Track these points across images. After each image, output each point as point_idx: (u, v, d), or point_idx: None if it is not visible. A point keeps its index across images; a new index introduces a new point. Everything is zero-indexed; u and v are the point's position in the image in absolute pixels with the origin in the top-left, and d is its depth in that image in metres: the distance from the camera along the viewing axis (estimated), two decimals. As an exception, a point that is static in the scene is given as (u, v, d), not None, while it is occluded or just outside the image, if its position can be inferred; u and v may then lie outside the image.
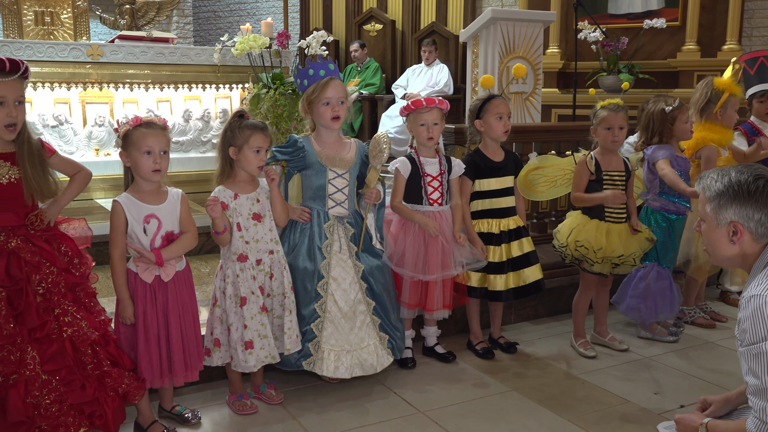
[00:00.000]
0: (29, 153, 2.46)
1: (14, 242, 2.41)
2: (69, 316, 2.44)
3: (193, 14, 11.47)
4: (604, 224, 3.51)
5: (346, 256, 3.13)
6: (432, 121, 3.32)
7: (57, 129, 5.69)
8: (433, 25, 8.81)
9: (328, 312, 3.05)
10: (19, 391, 2.29)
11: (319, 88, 3.10)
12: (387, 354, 3.13)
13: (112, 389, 2.50)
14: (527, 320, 4.14)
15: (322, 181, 3.12)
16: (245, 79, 6.16)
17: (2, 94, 2.35)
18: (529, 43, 5.65)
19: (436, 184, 3.35)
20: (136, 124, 2.60)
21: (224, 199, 2.86)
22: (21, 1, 7.19)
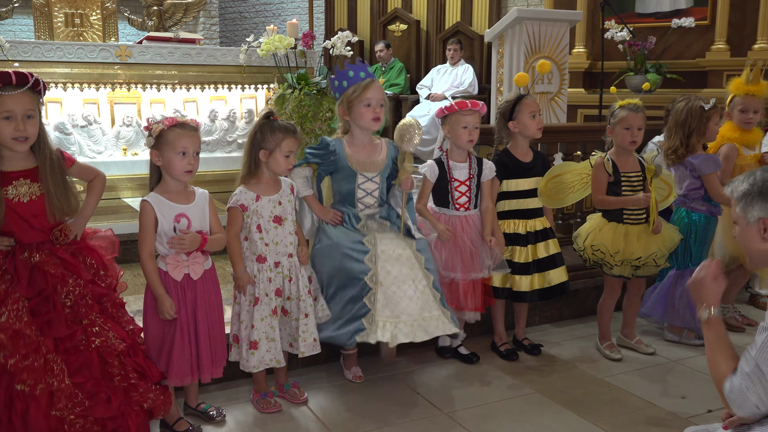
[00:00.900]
0: (51, 170, 2.44)
1: (37, 257, 2.40)
2: (97, 327, 2.44)
3: (219, 15, 11.57)
4: (622, 226, 3.47)
5: (393, 235, 3.11)
6: (473, 124, 3.31)
7: (86, 129, 5.78)
8: (457, 25, 8.78)
9: (380, 283, 2.98)
10: (41, 404, 2.26)
11: (361, 89, 3.10)
12: (452, 324, 3.04)
13: (137, 404, 2.47)
14: (552, 322, 4.11)
15: (351, 186, 3.14)
16: (270, 79, 6.20)
17: (9, 108, 2.31)
18: (555, 43, 5.61)
19: (463, 189, 3.34)
20: (171, 124, 2.62)
21: (244, 200, 2.88)
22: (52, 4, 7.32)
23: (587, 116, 7.13)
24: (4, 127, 2.32)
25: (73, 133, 5.71)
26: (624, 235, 3.45)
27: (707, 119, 3.64)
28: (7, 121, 2.32)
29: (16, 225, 2.39)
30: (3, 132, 2.32)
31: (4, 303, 2.30)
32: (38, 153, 2.43)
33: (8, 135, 2.33)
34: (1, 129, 2.32)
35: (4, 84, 2.31)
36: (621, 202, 3.46)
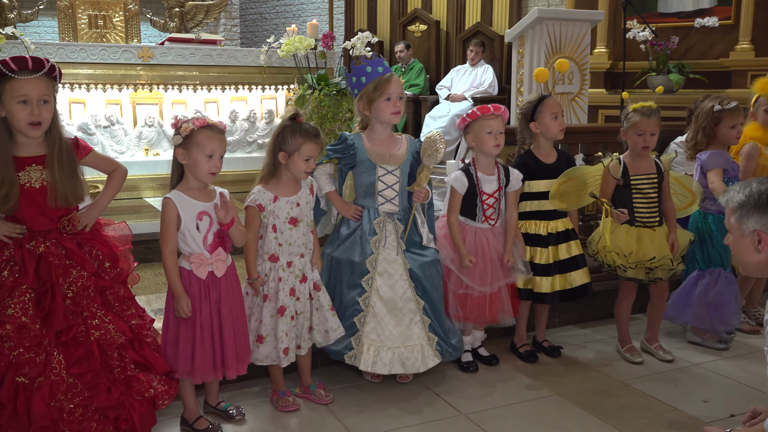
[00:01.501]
0: (59, 155, 2.45)
1: (43, 247, 2.42)
2: (97, 320, 2.45)
3: (240, 16, 11.64)
4: (634, 229, 3.44)
5: (395, 252, 3.12)
6: (498, 129, 3.25)
7: (108, 129, 5.85)
8: (477, 26, 8.75)
9: (371, 306, 3.06)
10: (44, 394, 2.29)
11: (382, 84, 3.11)
12: (434, 355, 3.11)
13: (139, 393, 2.49)
14: (572, 323, 4.08)
15: (372, 179, 3.13)
16: (290, 80, 6.23)
17: (25, 92, 2.35)
18: (576, 43, 5.57)
19: (491, 202, 3.31)
20: (201, 125, 2.63)
21: (262, 200, 2.89)
22: (76, 6, 7.40)
23: (608, 117, 7.08)
24: (19, 111, 2.35)
25: (96, 134, 5.78)
26: (636, 237, 3.42)
27: (716, 121, 3.60)
28: (23, 105, 2.35)
29: (26, 211, 2.42)
30: (18, 116, 2.36)
31: (12, 295, 2.34)
32: (48, 138, 2.46)
33: (23, 119, 2.36)
34: (17, 113, 2.36)
35: (20, 68, 2.35)
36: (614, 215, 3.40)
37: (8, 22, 7.61)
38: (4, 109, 2.37)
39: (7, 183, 2.36)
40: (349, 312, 3.06)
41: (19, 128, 2.39)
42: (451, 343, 3.20)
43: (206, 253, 2.68)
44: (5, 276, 2.37)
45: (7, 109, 2.37)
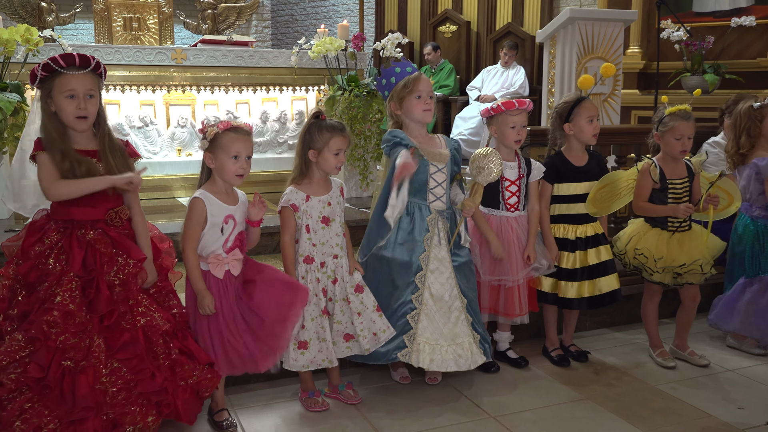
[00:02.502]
0: (110, 145, 2.57)
1: (91, 234, 2.50)
2: (143, 307, 2.52)
3: (271, 18, 11.73)
4: (666, 233, 3.39)
5: (445, 250, 3.11)
6: (521, 124, 3.27)
7: (142, 130, 5.94)
8: (508, 26, 8.70)
9: (424, 304, 3.03)
10: (88, 378, 2.37)
11: (411, 82, 3.11)
12: (479, 352, 3.09)
13: (183, 379, 2.55)
14: (603, 327, 4.04)
15: (424, 176, 3.11)
16: (321, 81, 6.26)
17: (72, 87, 2.46)
18: (609, 43, 5.52)
19: (514, 189, 3.31)
20: (226, 128, 2.67)
21: (295, 200, 2.91)
22: (111, 8, 7.54)
23: (641, 118, 6.99)
24: (67, 105, 2.47)
25: (131, 134, 5.87)
26: (667, 242, 3.37)
27: (761, 117, 3.52)
28: (70, 100, 2.47)
29: (74, 201, 2.49)
30: (66, 110, 2.47)
31: (60, 283, 2.41)
32: (98, 132, 2.57)
33: (71, 113, 2.47)
34: (65, 107, 2.47)
35: (68, 65, 2.46)
36: (661, 211, 3.37)
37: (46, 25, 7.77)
38: (53, 104, 2.48)
39: (81, 163, 2.47)
40: (402, 310, 3.03)
41: (67, 121, 2.49)
42: (488, 341, 3.19)
43: (224, 254, 2.71)
44: (51, 264, 2.44)
45: (56, 103, 2.48)
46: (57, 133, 2.49)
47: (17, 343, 2.38)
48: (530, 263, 3.31)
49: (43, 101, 2.51)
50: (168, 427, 2.72)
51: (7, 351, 2.36)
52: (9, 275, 2.51)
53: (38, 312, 2.39)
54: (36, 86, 2.52)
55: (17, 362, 2.36)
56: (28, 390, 2.36)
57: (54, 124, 2.50)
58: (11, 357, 2.35)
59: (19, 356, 2.37)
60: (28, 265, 2.45)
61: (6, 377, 2.34)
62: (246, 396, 3.00)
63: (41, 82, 2.49)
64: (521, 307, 3.34)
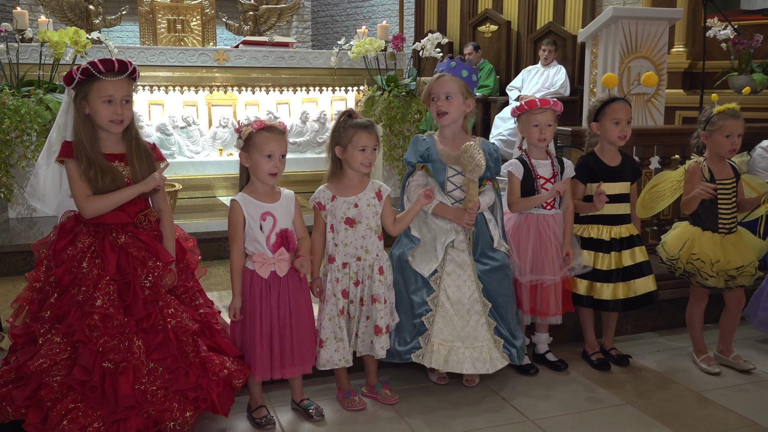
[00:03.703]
0: (137, 149, 2.61)
1: (123, 238, 2.55)
2: (172, 308, 2.57)
3: (311, 19, 11.82)
4: (717, 235, 3.32)
5: (465, 253, 3.10)
6: (545, 123, 3.25)
7: (185, 130, 6.05)
8: (549, 25, 8.61)
9: (440, 306, 3.05)
10: (128, 378, 2.42)
11: (427, 86, 3.15)
12: (501, 357, 3.08)
13: (214, 374, 2.59)
14: (645, 331, 3.96)
15: (441, 179, 3.12)
16: (360, 81, 6.29)
17: (110, 93, 2.50)
18: (653, 42, 5.41)
19: (549, 187, 3.28)
20: (259, 127, 2.70)
21: (321, 199, 2.93)
22: (156, 11, 7.68)
23: (686, 118, 6.84)
24: (104, 109, 2.51)
25: (174, 134, 5.99)
26: (721, 245, 3.30)
27: None
28: (108, 105, 2.51)
29: None
30: (102, 114, 2.51)
31: (98, 287, 2.46)
32: (126, 136, 2.61)
33: (106, 117, 2.52)
34: (101, 111, 2.51)
35: (107, 70, 2.50)
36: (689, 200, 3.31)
37: (93, 28, 7.96)
38: (89, 107, 2.52)
39: (107, 171, 2.52)
40: (417, 311, 3.06)
41: (102, 125, 2.54)
42: (517, 346, 3.17)
43: (269, 253, 2.73)
44: (85, 267, 2.49)
45: (92, 107, 2.52)
46: (87, 138, 2.53)
47: (56, 345, 2.44)
48: (570, 260, 3.27)
49: (77, 103, 2.54)
50: (207, 420, 2.77)
51: (47, 354, 2.42)
52: (39, 278, 2.57)
53: (75, 315, 2.44)
54: (71, 88, 2.55)
55: (58, 364, 2.42)
56: (72, 391, 2.42)
57: (86, 127, 2.54)
58: (52, 359, 2.42)
59: (60, 358, 2.43)
60: (63, 268, 2.50)
61: (51, 379, 2.40)
62: (284, 393, 3.03)
63: (78, 85, 2.52)
64: (557, 306, 3.31)
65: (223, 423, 2.79)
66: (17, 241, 4.29)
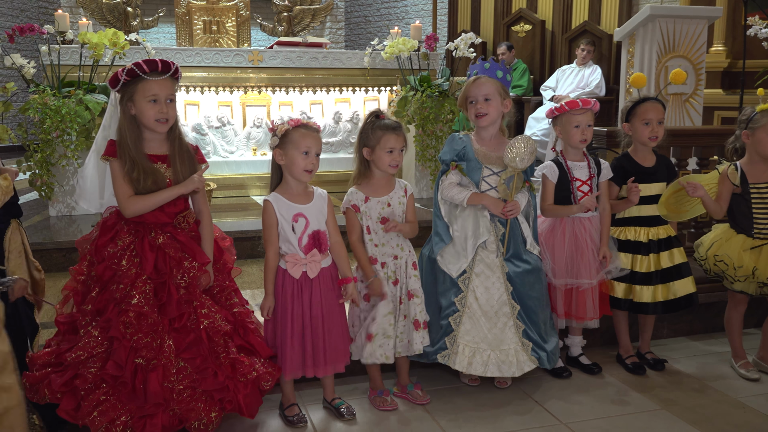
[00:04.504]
0: (179, 150, 2.65)
1: (161, 238, 2.59)
2: (206, 309, 2.60)
3: (345, 20, 11.87)
4: (750, 241, 3.24)
5: (494, 255, 3.09)
6: (586, 123, 3.22)
7: (220, 130, 6.12)
8: (585, 25, 8.52)
9: (467, 307, 3.04)
10: (158, 375, 2.47)
11: (464, 88, 3.14)
12: (529, 360, 3.06)
13: (243, 375, 2.62)
14: (681, 335, 3.90)
15: (476, 178, 3.11)
16: (393, 81, 6.29)
17: (155, 92, 2.55)
18: (691, 41, 5.32)
19: (585, 189, 3.25)
20: (296, 125, 2.74)
21: (355, 201, 2.94)
22: (192, 12, 7.78)
23: (725, 119, 6.71)
24: (149, 109, 2.55)
25: (209, 134, 6.06)
26: (751, 251, 3.22)
27: None
28: (152, 104, 2.56)
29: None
30: (148, 114, 2.56)
31: (135, 285, 2.51)
32: (170, 137, 2.65)
33: (152, 117, 2.56)
34: (147, 111, 2.55)
35: (151, 70, 2.55)
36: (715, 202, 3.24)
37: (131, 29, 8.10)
38: (134, 107, 2.57)
39: (149, 173, 2.57)
40: (445, 312, 3.05)
41: (148, 125, 2.58)
42: (547, 349, 3.14)
43: (301, 254, 2.75)
44: (124, 266, 2.54)
45: (137, 107, 2.57)
46: (131, 138, 2.57)
47: (94, 339, 2.50)
48: (607, 263, 3.24)
49: (123, 104, 2.60)
50: (239, 418, 2.80)
51: (85, 346, 2.49)
52: (83, 271, 2.64)
53: (113, 311, 2.50)
54: (117, 90, 2.60)
55: (94, 357, 2.49)
56: (105, 384, 2.48)
57: (131, 127, 2.59)
58: (89, 352, 2.49)
59: (96, 352, 2.49)
60: (103, 265, 2.56)
61: (87, 371, 2.47)
62: (316, 392, 3.05)
63: (123, 86, 2.57)
64: (594, 310, 3.27)
65: (255, 421, 2.81)
66: (57, 238, 4.39)
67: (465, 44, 5.72)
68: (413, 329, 2.96)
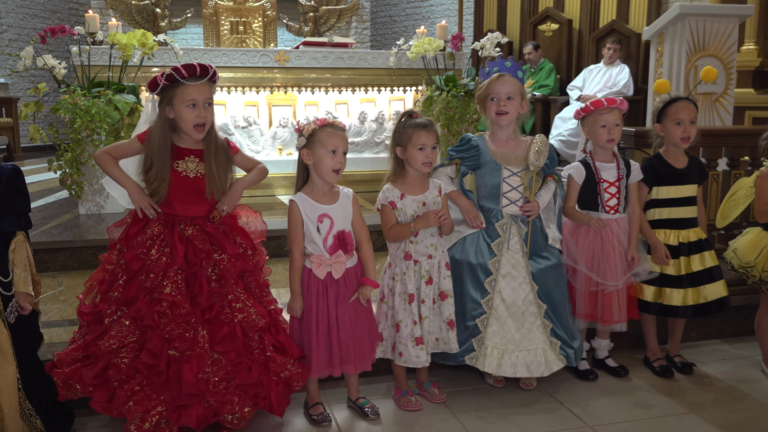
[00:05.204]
0: (215, 151, 2.68)
1: (190, 230, 2.62)
2: (240, 303, 2.62)
3: (370, 20, 11.88)
4: None
5: (519, 255, 3.08)
6: (613, 122, 3.18)
7: (246, 129, 6.16)
8: (612, 24, 8.43)
9: (494, 309, 3.02)
10: (192, 366, 2.49)
11: (486, 84, 3.12)
12: (557, 359, 3.04)
13: (275, 374, 2.64)
14: (711, 338, 3.84)
15: (496, 180, 3.10)
16: (419, 81, 6.29)
17: (194, 97, 2.57)
18: (722, 40, 5.24)
19: (613, 191, 3.21)
20: (323, 124, 2.75)
21: (392, 197, 2.93)
22: (219, 13, 7.86)
23: (756, 119, 6.59)
24: (188, 113, 2.59)
25: (235, 134, 6.11)
26: None
27: None
28: (191, 109, 2.59)
29: (177, 197, 2.64)
30: (187, 118, 2.59)
31: (167, 276, 2.54)
32: (206, 136, 2.67)
33: (191, 121, 2.59)
34: (186, 115, 2.59)
35: (190, 75, 2.58)
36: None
37: (160, 30, 8.20)
38: (173, 111, 2.60)
39: (159, 177, 2.60)
40: (471, 314, 3.04)
41: (186, 129, 2.62)
42: (574, 346, 3.12)
43: (326, 254, 2.75)
44: (153, 255, 2.57)
45: (176, 112, 2.60)
46: (159, 141, 2.60)
47: (125, 328, 2.52)
48: (634, 265, 3.20)
49: (161, 108, 2.63)
50: (263, 416, 2.81)
51: (117, 336, 2.51)
52: (111, 260, 2.66)
53: (144, 301, 2.52)
54: (156, 94, 2.64)
55: (126, 347, 2.51)
56: (139, 374, 2.51)
57: (164, 129, 2.62)
58: (121, 342, 2.50)
59: (128, 341, 2.51)
60: (132, 253, 2.58)
61: (120, 361, 2.49)
62: (340, 391, 3.06)
63: (162, 90, 2.61)
64: (620, 313, 3.23)
65: (280, 419, 2.83)
66: (86, 236, 4.45)
67: (491, 44, 5.69)
68: (448, 329, 2.96)
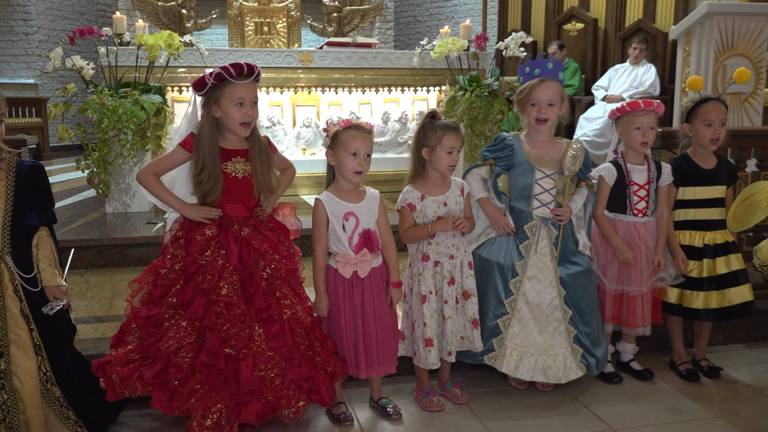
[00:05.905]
0: (259, 150, 2.72)
1: (246, 231, 2.67)
2: (288, 300, 2.67)
3: (394, 20, 11.88)
4: None
5: (548, 258, 3.05)
6: (648, 125, 3.14)
7: (270, 130, 6.19)
8: (639, 23, 8.34)
9: (517, 310, 3.01)
10: (248, 364, 2.53)
11: (528, 89, 3.08)
12: (577, 367, 3.02)
13: (322, 368, 2.69)
14: (738, 342, 3.78)
15: (528, 181, 3.08)
16: (442, 81, 6.27)
17: (241, 95, 2.62)
18: (751, 39, 5.16)
19: (642, 194, 3.17)
20: (346, 126, 2.76)
21: (411, 199, 2.93)
22: (244, 14, 7.91)
23: (787, 119, 6.47)
24: (235, 112, 2.63)
25: (259, 134, 6.15)
26: None
27: None
28: (239, 107, 2.63)
29: (227, 198, 2.69)
30: (234, 117, 2.63)
31: (222, 277, 2.58)
32: (250, 135, 2.72)
33: (237, 119, 2.64)
34: (233, 114, 2.63)
35: (237, 74, 2.61)
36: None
37: (186, 31, 8.27)
38: (219, 110, 2.64)
39: (213, 178, 2.64)
40: (493, 313, 3.03)
41: (233, 128, 2.66)
42: (597, 355, 3.08)
43: (351, 253, 2.76)
44: (208, 256, 2.61)
45: (223, 110, 2.64)
46: (209, 142, 2.64)
47: (183, 329, 2.57)
48: (661, 269, 3.16)
49: (207, 107, 2.66)
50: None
51: (176, 337, 2.56)
52: (165, 264, 2.69)
53: (201, 302, 2.57)
54: (202, 94, 2.67)
55: (185, 347, 2.56)
56: (198, 373, 2.55)
57: (212, 129, 2.66)
58: (179, 342, 2.55)
59: (186, 342, 2.56)
60: (189, 258, 2.63)
61: (181, 361, 2.54)
62: (363, 391, 3.06)
63: (209, 90, 2.64)
64: (644, 317, 3.20)
65: (303, 419, 2.83)
66: (113, 234, 4.52)
67: (515, 43, 5.66)
68: (473, 328, 2.96)
